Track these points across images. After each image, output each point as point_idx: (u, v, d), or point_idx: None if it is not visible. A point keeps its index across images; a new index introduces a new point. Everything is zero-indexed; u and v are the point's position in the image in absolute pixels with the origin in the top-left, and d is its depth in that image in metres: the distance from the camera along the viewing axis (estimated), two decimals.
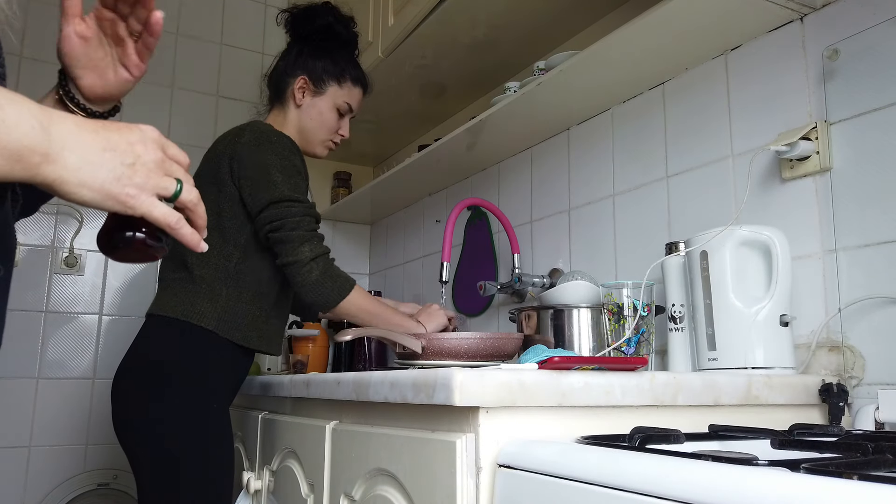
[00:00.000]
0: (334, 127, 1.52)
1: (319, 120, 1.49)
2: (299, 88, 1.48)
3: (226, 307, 1.31)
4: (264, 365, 2.15)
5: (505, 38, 1.74)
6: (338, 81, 1.49)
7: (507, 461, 0.75)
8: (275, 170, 1.32)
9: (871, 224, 1.02)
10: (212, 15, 2.56)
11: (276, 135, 1.38)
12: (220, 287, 1.32)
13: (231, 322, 1.31)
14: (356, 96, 1.53)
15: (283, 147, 1.36)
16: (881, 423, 0.92)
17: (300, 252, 1.30)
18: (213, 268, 1.33)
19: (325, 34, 1.51)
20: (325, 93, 1.49)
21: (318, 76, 1.49)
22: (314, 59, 1.49)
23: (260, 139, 1.35)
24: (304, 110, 1.49)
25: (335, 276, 1.32)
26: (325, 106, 1.49)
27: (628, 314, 1.18)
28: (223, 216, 1.34)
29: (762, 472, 0.51)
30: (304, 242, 1.30)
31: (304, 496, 1.19)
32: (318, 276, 1.30)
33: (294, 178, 1.34)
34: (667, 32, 1.23)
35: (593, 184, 1.59)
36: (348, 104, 1.52)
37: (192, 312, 1.30)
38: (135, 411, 1.25)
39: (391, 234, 2.60)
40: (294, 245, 1.30)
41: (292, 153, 1.37)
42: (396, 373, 0.90)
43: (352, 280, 1.35)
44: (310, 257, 1.30)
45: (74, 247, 2.21)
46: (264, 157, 1.33)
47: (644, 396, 0.87)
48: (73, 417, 2.16)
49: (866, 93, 1.04)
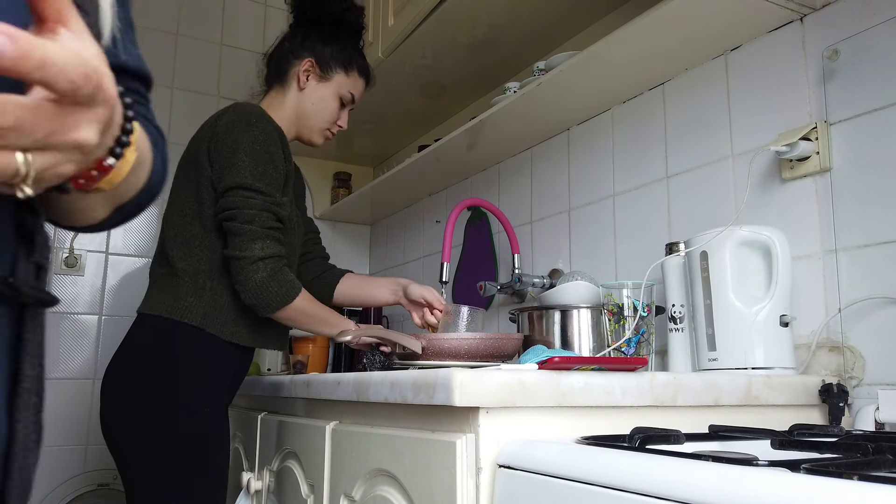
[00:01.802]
0: (334, 116, 1.48)
1: (321, 106, 1.45)
2: (304, 71, 1.43)
3: (211, 301, 1.26)
4: (264, 365, 2.15)
5: (505, 38, 1.74)
6: (345, 70, 1.46)
7: (507, 461, 0.75)
8: (243, 153, 1.25)
9: (871, 224, 1.02)
10: (212, 15, 2.55)
11: (256, 117, 1.29)
12: (203, 280, 1.27)
13: (217, 317, 1.26)
14: (360, 87, 1.50)
15: (260, 131, 1.27)
16: (881, 424, 0.92)
17: (249, 248, 1.21)
18: (196, 259, 1.27)
19: (337, 21, 1.47)
20: (331, 79, 1.45)
21: (326, 62, 1.44)
22: (323, 44, 1.45)
23: (238, 120, 1.28)
24: (307, 94, 1.44)
25: (282, 281, 1.23)
26: (329, 93, 1.45)
27: (628, 314, 1.18)
28: (203, 204, 1.28)
29: (762, 472, 0.51)
30: (256, 239, 1.22)
31: (305, 496, 1.19)
32: (264, 277, 1.22)
33: (263, 165, 1.25)
34: (667, 33, 1.23)
35: (593, 184, 1.59)
36: (352, 94, 1.48)
37: (177, 308, 1.25)
38: (120, 412, 1.22)
39: (391, 235, 2.60)
40: (244, 239, 1.22)
41: (270, 140, 1.28)
42: (396, 373, 0.90)
43: (298, 288, 1.26)
44: (258, 256, 1.21)
45: (74, 247, 2.21)
46: (237, 137, 1.26)
47: (644, 397, 0.87)
48: (73, 418, 2.16)
49: (866, 93, 1.04)
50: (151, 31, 2.41)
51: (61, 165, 0.41)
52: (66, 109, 0.39)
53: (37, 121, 0.38)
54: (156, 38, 2.41)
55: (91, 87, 0.39)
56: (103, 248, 2.27)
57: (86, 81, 0.39)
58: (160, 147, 0.60)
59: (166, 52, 2.43)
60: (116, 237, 2.30)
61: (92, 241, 2.25)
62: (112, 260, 2.28)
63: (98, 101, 0.41)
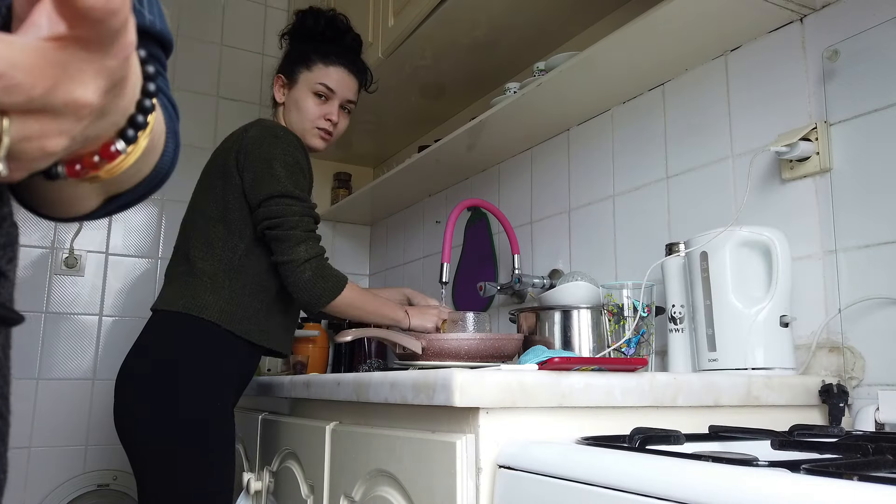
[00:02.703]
0: (315, 112, 1.49)
1: (298, 107, 1.50)
2: (277, 88, 1.54)
3: (229, 299, 1.32)
4: (264, 366, 2.15)
5: (505, 38, 1.74)
6: (306, 66, 1.50)
7: (507, 462, 0.75)
8: (278, 164, 1.34)
9: (871, 225, 1.02)
10: (212, 16, 2.56)
11: (282, 130, 1.40)
12: (223, 279, 1.33)
13: (233, 314, 1.31)
14: (332, 75, 1.49)
15: (288, 143, 1.37)
16: (881, 424, 0.92)
17: (296, 252, 1.31)
18: (217, 260, 1.34)
19: (295, 35, 1.56)
20: (297, 81, 1.51)
21: (289, 69, 1.52)
22: (286, 57, 1.55)
23: (266, 133, 1.37)
24: (286, 105, 1.52)
25: (327, 276, 1.33)
26: (301, 94, 1.50)
27: (628, 315, 1.18)
28: (229, 209, 1.36)
29: (762, 472, 0.51)
30: (300, 242, 1.31)
31: (304, 497, 1.19)
32: (311, 276, 1.31)
33: (297, 174, 1.35)
34: (667, 33, 1.23)
35: (593, 184, 1.59)
36: (324, 84, 1.48)
37: (194, 305, 1.30)
38: (135, 408, 1.25)
39: (391, 235, 2.60)
40: (290, 244, 1.31)
41: (297, 149, 1.38)
42: (396, 373, 0.90)
43: (343, 280, 1.35)
44: (305, 258, 1.31)
45: (74, 248, 2.21)
46: (269, 150, 1.35)
47: (644, 397, 0.87)
48: (73, 418, 2.16)
49: (866, 93, 1.04)
50: None
51: (48, 138, 0.30)
52: (69, 53, 0.28)
53: (34, 72, 0.27)
54: None
55: (118, 23, 0.28)
56: (103, 249, 2.27)
57: (115, 12, 0.28)
58: (173, 128, 0.49)
59: None
60: (117, 238, 2.30)
61: (92, 242, 2.25)
62: (112, 260, 2.28)
63: (113, 51, 0.30)
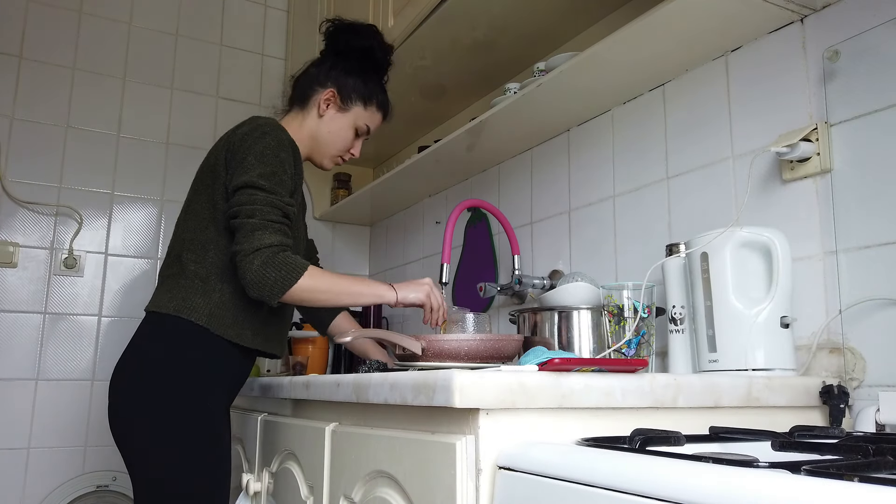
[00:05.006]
0: (348, 146, 1.52)
1: (337, 135, 1.49)
2: (326, 99, 1.47)
3: (219, 302, 1.28)
4: (264, 366, 2.15)
5: (505, 39, 1.74)
6: (364, 103, 1.49)
7: (507, 463, 0.75)
8: (252, 156, 1.27)
9: (871, 225, 1.02)
10: (212, 16, 2.55)
11: (271, 127, 1.33)
12: (214, 282, 1.29)
13: (223, 318, 1.28)
14: (376, 120, 1.54)
15: (273, 138, 1.30)
16: (882, 425, 0.92)
17: (248, 240, 1.20)
18: (209, 262, 1.30)
19: (364, 55, 1.51)
20: (349, 110, 1.48)
21: (348, 93, 1.48)
22: (347, 75, 1.48)
23: (254, 130, 1.32)
24: (325, 121, 1.48)
25: (279, 264, 1.20)
26: (346, 123, 1.49)
27: (629, 316, 1.17)
28: (217, 208, 1.31)
29: (763, 474, 0.51)
30: (255, 230, 1.20)
31: (304, 498, 1.19)
32: (259, 265, 1.18)
33: (271, 167, 1.26)
34: (667, 34, 1.23)
35: (594, 185, 1.59)
36: (367, 127, 1.52)
37: (184, 307, 1.27)
38: (127, 408, 1.24)
39: (391, 236, 2.60)
40: (244, 233, 1.21)
41: (281, 147, 1.30)
42: (396, 374, 0.90)
43: (301, 267, 1.22)
44: (256, 247, 1.19)
45: (74, 248, 2.21)
46: (250, 144, 1.29)
47: (644, 398, 0.87)
48: (72, 419, 2.16)
49: (867, 94, 1.04)
50: (151, 32, 2.41)
51: None
52: None
53: None
54: (156, 38, 2.41)
55: None
56: (103, 250, 2.27)
57: None
58: None
59: (166, 52, 2.43)
60: (116, 238, 2.30)
61: (91, 243, 2.25)
62: (111, 261, 2.28)
63: None
